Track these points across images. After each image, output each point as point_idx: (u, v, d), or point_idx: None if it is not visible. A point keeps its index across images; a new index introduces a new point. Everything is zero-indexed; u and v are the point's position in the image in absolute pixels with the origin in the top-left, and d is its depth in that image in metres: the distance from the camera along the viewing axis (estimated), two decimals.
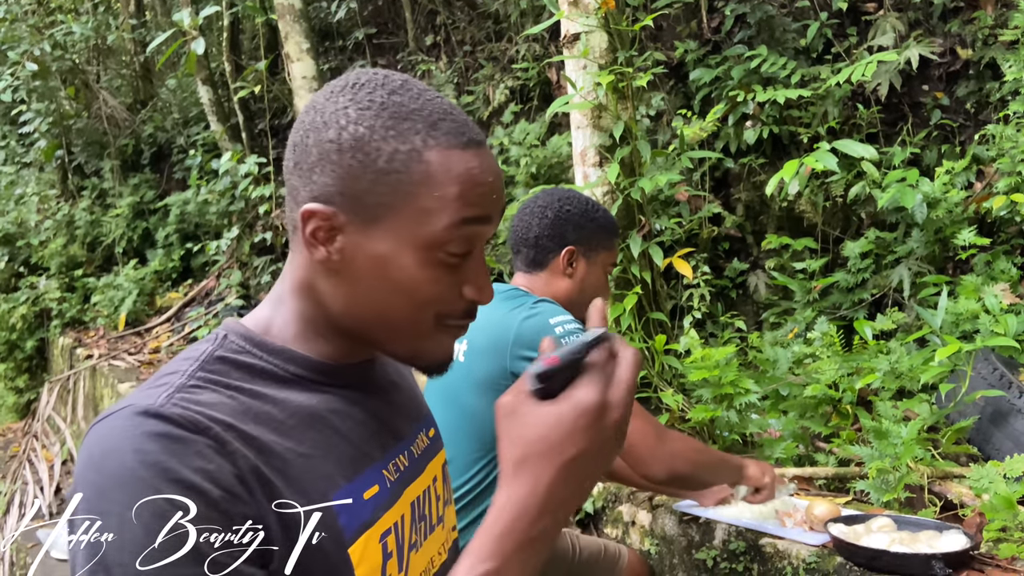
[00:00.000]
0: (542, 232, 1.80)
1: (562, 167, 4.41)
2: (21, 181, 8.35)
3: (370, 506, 0.85)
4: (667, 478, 1.70)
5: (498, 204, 0.85)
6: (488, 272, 0.87)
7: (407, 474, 0.93)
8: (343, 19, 6.72)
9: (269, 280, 6.12)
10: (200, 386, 0.79)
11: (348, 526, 0.82)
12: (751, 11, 4.20)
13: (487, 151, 0.85)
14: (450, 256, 0.83)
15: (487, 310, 1.68)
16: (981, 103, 3.76)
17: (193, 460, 0.72)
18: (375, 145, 0.81)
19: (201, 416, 0.75)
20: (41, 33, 7.17)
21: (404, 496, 0.92)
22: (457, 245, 0.82)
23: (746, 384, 2.50)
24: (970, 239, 3.01)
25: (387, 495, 0.88)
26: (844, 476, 2.31)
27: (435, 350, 0.88)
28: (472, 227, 0.82)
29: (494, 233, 0.93)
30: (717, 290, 3.93)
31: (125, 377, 5.36)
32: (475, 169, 0.82)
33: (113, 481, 0.71)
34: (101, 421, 0.76)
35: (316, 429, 0.84)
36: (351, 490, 0.84)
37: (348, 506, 0.83)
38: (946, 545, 1.67)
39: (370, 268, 0.84)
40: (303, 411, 0.84)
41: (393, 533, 0.88)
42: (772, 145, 4.05)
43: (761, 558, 1.96)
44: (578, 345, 0.70)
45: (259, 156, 5.96)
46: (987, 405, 2.31)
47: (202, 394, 0.78)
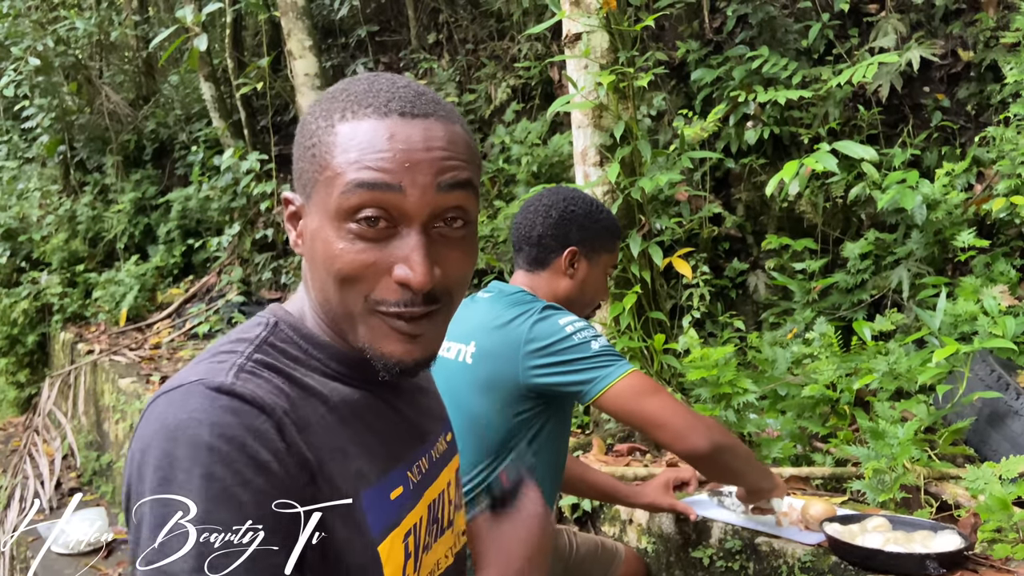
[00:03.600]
0: (545, 231, 1.80)
1: (563, 166, 4.42)
2: (23, 176, 8.35)
3: (396, 506, 0.86)
4: (711, 447, 1.63)
5: (413, 173, 0.79)
6: (427, 255, 0.80)
7: (427, 477, 0.94)
8: (346, 16, 6.73)
9: (270, 277, 6.13)
10: (257, 370, 0.79)
11: (376, 525, 0.83)
12: (753, 12, 4.20)
13: (423, 121, 0.81)
14: (366, 227, 0.79)
15: (495, 312, 1.71)
16: (982, 105, 3.77)
17: (264, 439, 0.73)
18: (307, 127, 0.84)
19: (266, 398, 0.76)
20: (44, 28, 7.17)
21: (424, 498, 0.92)
22: (365, 212, 0.79)
23: (744, 384, 2.51)
24: (969, 241, 3.01)
25: (410, 496, 0.89)
26: (841, 476, 2.32)
27: (376, 343, 0.82)
28: (375, 193, 0.78)
29: (466, 221, 0.84)
30: (717, 290, 3.94)
31: (126, 372, 5.37)
32: (383, 134, 0.79)
33: (189, 451, 0.71)
34: (168, 392, 0.76)
35: (352, 426, 0.84)
36: (380, 489, 0.85)
37: (377, 505, 0.83)
38: (941, 545, 1.68)
39: (311, 246, 0.84)
40: (342, 407, 0.84)
41: (413, 534, 0.88)
42: (773, 146, 4.06)
43: (757, 557, 1.97)
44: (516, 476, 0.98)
45: (261, 153, 5.97)
46: (984, 407, 2.32)
47: (260, 377, 0.79)
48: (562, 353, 1.63)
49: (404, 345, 0.82)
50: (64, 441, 5.71)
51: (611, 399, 1.62)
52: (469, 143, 0.85)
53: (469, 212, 0.83)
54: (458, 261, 0.83)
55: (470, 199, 0.83)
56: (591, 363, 1.62)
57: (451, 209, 0.82)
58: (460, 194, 0.82)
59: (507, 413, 1.66)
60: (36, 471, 5.40)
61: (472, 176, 0.83)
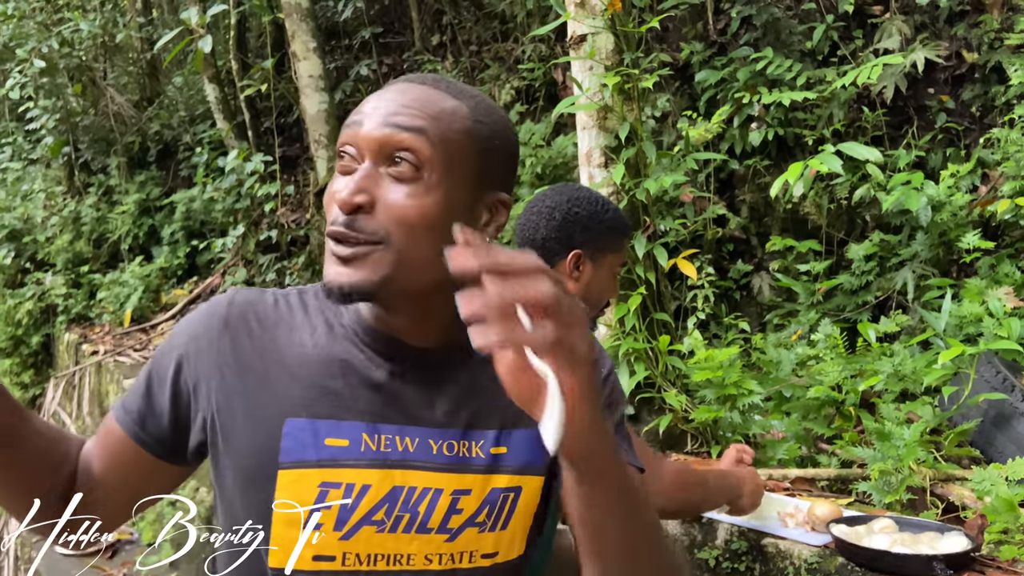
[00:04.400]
0: (549, 234, 1.76)
1: (567, 167, 4.42)
2: (28, 177, 8.36)
3: (328, 451, 0.91)
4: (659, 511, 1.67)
5: (373, 113, 0.89)
6: (359, 181, 0.88)
7: (407, 457, 0.93)
8: (349, 18, 6.74)
9: (274, 278, 6.14)
10: (278, 289, 1.01)
11: (288, 451, 0.91)
12: (757, 13, 4.20)
13: (408, 83, 0.92)
14: (342, 164, 0.91)
15: None
16: (986, 106, 3.77)
17: (200, 323, 0.99)
18: None
19: (240, 299, 0.99)
20: (49, 30, 7.19)
21: (386, 473, 0.92)
22: (342, 149, 0.91)
23: (749, 385, 2.51)
24: (974, 242, 3.01)
25: (356, 455, 0.92)
26: (846, 478, 2.32)
27: (324, 267, 0.92)
28: (347, 130, 0.91)
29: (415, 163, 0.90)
30: (721, 291, 3.94)
31: (131, 373, 5.38)
32: (374, 93, 0.93)
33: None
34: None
35: (323, 368, 0.94)
36: (311, 425, 0.92)
37: (300, 438, 0.91)
38: (947, 547, 1.68)
39: None
40: (325, 354, 0.95)
41: (343, 491, 0.90)
42: (777, 147, 4.05)
43: (763, 558, 1.97)
44: None
45: (265, 154, 5.98)
46: (990, 408, 2.32)
47: (265, 293, 1.01)
48: None
49: (335, 267, 0.88)
50: None
51: None
52: (439, 102, 0.90)
53: (420, 157, 0.87)
54: (400, 202, 0.87)
55: (422, 145, 0.87)
56: None
57: (398, 149, 0.88)
58: (408, 136, 0.87)
59: None
60: None
61: (427, 125, 0.88)
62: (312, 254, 5.85)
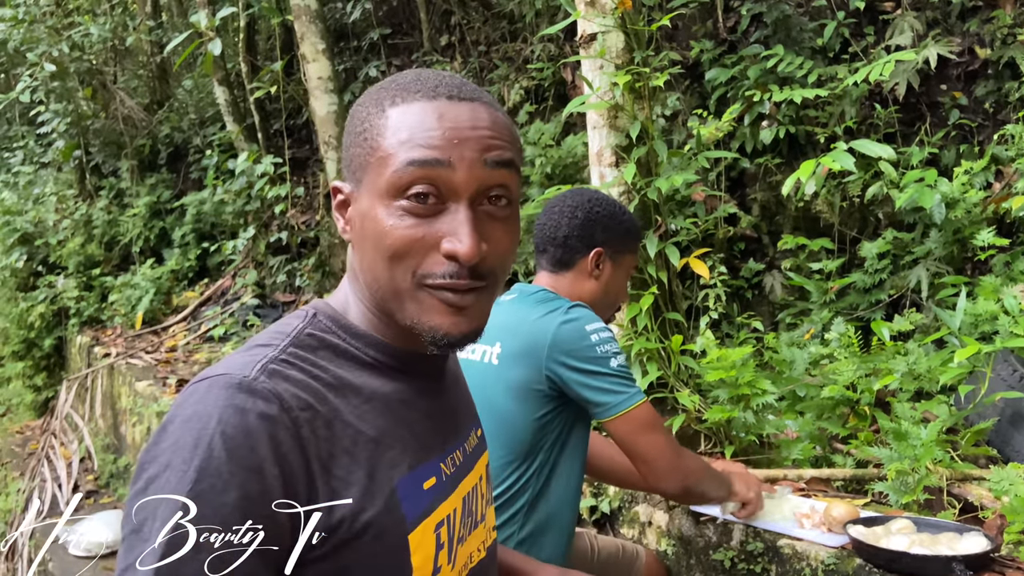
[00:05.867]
0: (571, 232, 1.80)
1: (577, 167, 4.41)
2: (39, 181, 8.41)
3: (429, 496, 0.88)
4: (679, 492, 1.74)
5: (461, 149, 0.82)
6: (474, 229, 0.82)
7: (461, 469, 0.96)
8: (358, 20, 6.74)
9: (284, 279, 6.15)
10: (287, 365, 0.82)
11: (409, 513, 0.85)
12: (767, 10, 4.18)
13: (469, 104, 0.85)
14: (416, 204, 0.82)
15: (521, 313, 1.70)
16: (1000, 103, 3.74)
17: (265, 439, 0.75)
18: (358, 114, 0.88)
19: (286, 395, 0.78)
20: (59, 34, 7.23)
21: (458, 490, 0.94)
22: (415, 188, 0.82)
23: (763, 385, 2.49)
24: (989, 240, 2.99)
25: (443, 487, 0.91)
26: (862, 478, 2.30)
27: (424, 317, 0.84)
28: (426, 169, 0.82)
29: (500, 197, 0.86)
30: (733, 290, 3.92)
31: (142, 375, 5.39)
32: (432, 115, 0.83)
33: (190, 439, 0.73)
34: (198, 383, 0.79)
35: (387, 416, 0.87)
36: (413, 478, 0.87)
37: (411, 494, 0.86)
38: (966, 547, 1.66)
39: (361, 229, 0.87)
40: (378, 397, 0.87)
41: (446, 525, 0.90)
42: (788, 145, 4.04)
43: (779, 559, 1.95)
44: None
45: (275, 156, 6.00)
46: (1007, 407, 2.29)
47: (289, 371, 0.81)
48: (584, 362, 1.63)
49: (451, 318, 0.84)
50: (81, 444, 5.75)
51: (620, 425, 1.66)
52: (510, 127, 0.89)
53: (512, 191, 0.87)
54: (502, 239, 0.86)
55: (513, 179, 0.87)
56: (607, 382, 1.64)
57: (496, 187, 0.85)
58: (504, 172, 0.85)
59: (531, 414, 1.66)
60: (54, 474, 5.43)
61: (515, 157, 0.87)
62: (322, 255, 5.86)
